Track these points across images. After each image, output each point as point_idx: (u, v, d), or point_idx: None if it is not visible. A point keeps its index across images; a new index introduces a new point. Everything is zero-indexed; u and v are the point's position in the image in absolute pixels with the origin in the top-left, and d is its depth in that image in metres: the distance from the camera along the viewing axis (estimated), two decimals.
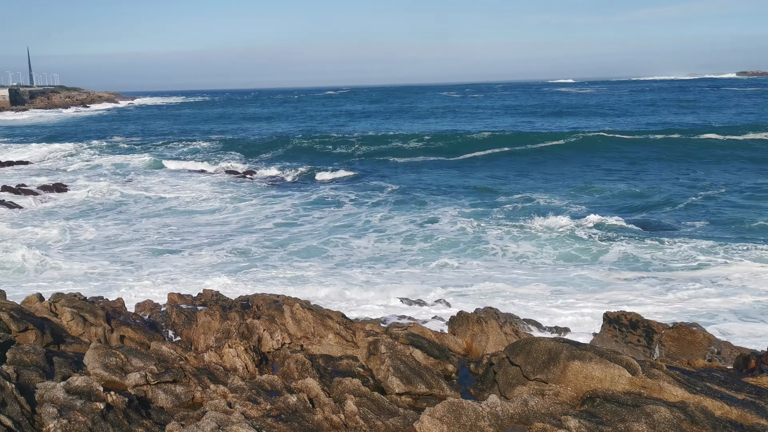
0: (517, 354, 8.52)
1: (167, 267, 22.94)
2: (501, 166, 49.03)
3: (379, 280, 20.92)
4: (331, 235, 27.59)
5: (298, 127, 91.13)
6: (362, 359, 9.97)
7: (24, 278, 21.62)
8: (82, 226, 30.07)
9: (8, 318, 10.07)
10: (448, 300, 18.34)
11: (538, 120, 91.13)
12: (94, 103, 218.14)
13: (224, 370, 8.96)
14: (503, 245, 25.47)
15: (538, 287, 20.07)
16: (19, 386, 6.83)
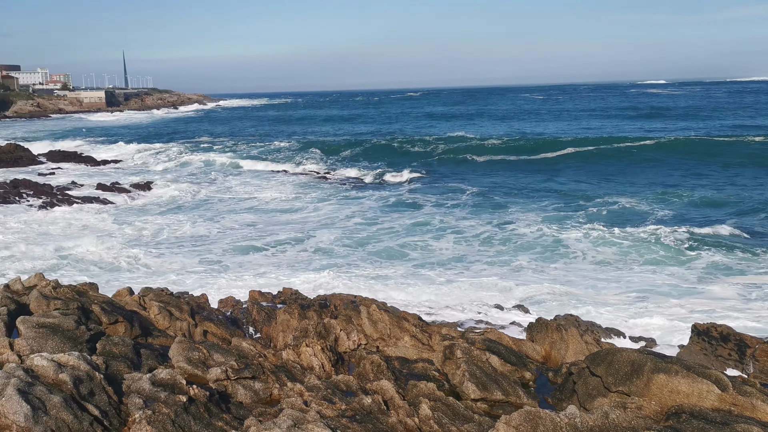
0: (598, 364, 8.28)
1: (250, 265, 23.52)
2: (584, 169, 47.83)
3: (456, 283, 20.76)
4: (409, 236, 27.61)
5: (378, 129, 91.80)
6: (438, 363, 9.92)
7: (115, 272, 22.64)
8: (170, 223, 31.22)
9: (99, 310, 10.55)
10: (526, 305, 18.01)
11: (625, 122, 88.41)
12: (183, 105, 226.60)
13: (301, 368, 9.10)
14: (584, 249, 24.80)
15: (621, 294, 19.43)
16: (107, 377, 7.14)
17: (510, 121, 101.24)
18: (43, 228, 30.01)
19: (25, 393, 6.15)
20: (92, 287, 12.85)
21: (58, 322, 8.88)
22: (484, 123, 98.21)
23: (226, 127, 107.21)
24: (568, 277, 21.47)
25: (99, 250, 25.14)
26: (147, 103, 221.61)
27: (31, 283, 12.24)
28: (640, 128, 77.43)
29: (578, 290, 19.86)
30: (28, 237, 27.72)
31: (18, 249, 24.87)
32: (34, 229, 29.64)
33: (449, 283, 20.83)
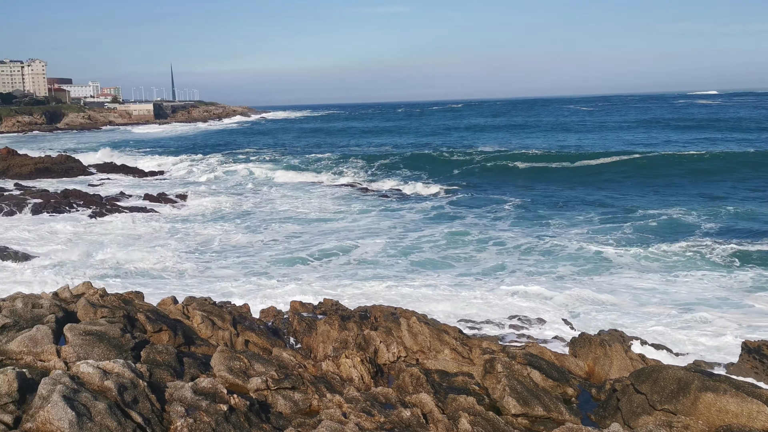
0: (643, 381, 8.09)
1: (292, 275, 23.69)
2: (629, 180, 47.04)
3: (498, 295, 20.58)
4: (450, 248, 27.50)
5: (419, 141, 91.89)
6: (478, 377, 9.82)
7: (161, 281, 23.06)
8: (214, 234, 31.69)
9: (144, 319, 10.75)
10: (569, 319, 17.73)
11: (673, 133, 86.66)
12: (228, 117, 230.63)
13: (341, 379, 9.11)
14: (629, 262, 24.33)
15: (667, 309, 18.97)
16: (150, 384, 7.25)
17: (554, 132, 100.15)
18: (93, 237, 30.77)
19: (71, 399, 6.29)
20: (138, 296, 13.11)
21: (105, 329, 9.07)
22: (527, 134, 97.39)
23: (270, 139, 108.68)
24: (612, 289, 21.07)
25: (146, 259, 25.65)
26: (193, 115, 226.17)
27: (79, 291, 12.54)
28: (688, 139, 75.92)
29: (623, 303, 19.48)
30: (78, 246, 28.44)
31: (68, 257, 25.53)
32: (84, 239, 30.41)
33: (491, 293, 20.64)
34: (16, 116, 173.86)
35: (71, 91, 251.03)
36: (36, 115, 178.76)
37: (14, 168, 57.34)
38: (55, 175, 56.83)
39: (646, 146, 68.23)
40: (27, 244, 28.46)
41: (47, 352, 8.29)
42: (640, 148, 65.11)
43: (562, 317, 17.85)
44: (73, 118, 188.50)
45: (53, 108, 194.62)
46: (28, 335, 8.47)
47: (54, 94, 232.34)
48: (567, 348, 12.65)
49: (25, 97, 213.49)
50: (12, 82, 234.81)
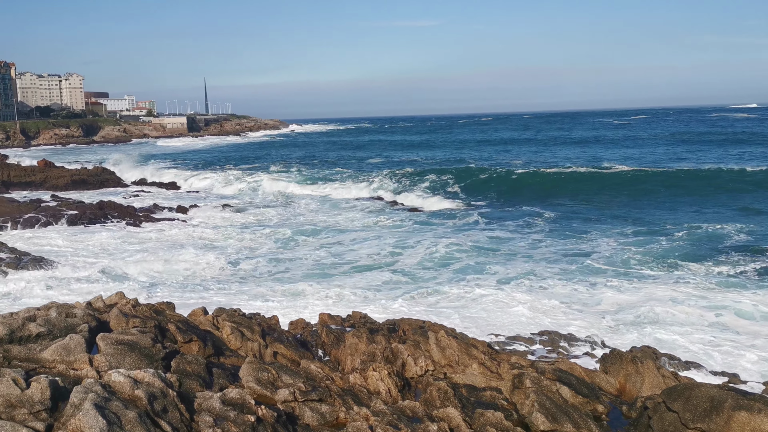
0: (675, 399, 7.95)
1: (324, 287, 23.79)
2: (664, 196, 46.32)
3: (529, 308, 20.42)
4: (480, 260, 27.43)
5: (450, 155, 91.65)
6: (506, 392, 9.74)
7: (192, 292, 23.32)
8: (246, 246, 32.00)
9: (175, 329, 10.87)
10: (599, 334, 17.49)
11: (710, 148, 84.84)
12: (260, 130, 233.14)
13: (368, 392, 9.10)
14: (664, 277, 23.98)
15: (703, 326, 18.64)
16: (180, 394, 7.33)
17: (586, 146, 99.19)
18: (127, 247, 31.27)
19: (102, 408, 6.39)
20: (169, 306, 13.27)
21: (136, 339, 9.20)
22: (559, 148, 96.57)
23: (300, 152, 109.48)
24: (647, 305, 20.75)
25: (179, 269, 25.99)
26: (225, 128, 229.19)
27: (111, 301, 12.74)
28: (726, 155, 74.49)
29: (658, 318, 19.19)
30: (113, 255, 28.93)
31: (102, 267, 25.96)
32: (118, 249, 30.93)
33: (522, 308, 20.49)
34: (54, 129, 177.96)
35: (107, 104, 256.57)
36: (73, 128, 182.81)
37: (51, 180, 58.64)
38: (91, 186, 58.01)
39: (682, 161, 67.15)
40: (72, 253, 29.06)
41: (80, 361, 8.43)
42: (676, 162, 64.19)
43: (593, 333, 17.63)
44: (108, 131, 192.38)
45: (90, 121, 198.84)
46: (61, 344, 8.63)
47: (90, 107, 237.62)
48: (597, 364, 12.48)
49: (63, 110, 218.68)
50: (50, 95, 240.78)
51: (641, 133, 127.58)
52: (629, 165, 62.51)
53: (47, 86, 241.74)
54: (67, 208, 42.01)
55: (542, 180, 55.43)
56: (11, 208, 42.89)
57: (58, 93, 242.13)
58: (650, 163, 63.72)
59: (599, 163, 65.57)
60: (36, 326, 9.12)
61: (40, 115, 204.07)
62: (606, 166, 61.41)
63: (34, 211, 40.96)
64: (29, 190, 55.63)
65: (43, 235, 34.47)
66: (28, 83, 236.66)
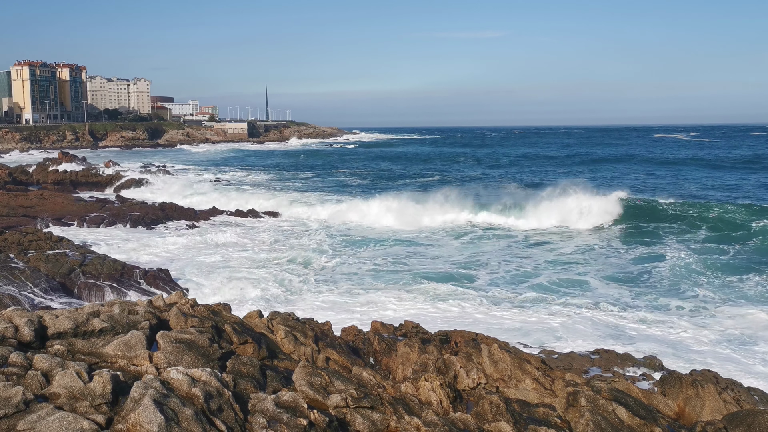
0: (737, 425, 7.67)
1: (377, 296, 23.87)
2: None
3: (589, 324, 20.05)
4: (544, 275, 27.14)
5: (516, 169, 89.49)
6: (560, 409, 9.56)
7: (251, 293, 23.74)
8: (300, 253, 32.36)
9: (231, 330, 11.07)
10: (658, 355, 16.99)
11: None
12: (318, 137, 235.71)
13: (419, 402, 9.07)
14: (732, 295, 23.19)
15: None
16: (235, 394, 7.45)
17: (645, 165, 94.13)
18: (181, 250, 32.03)
19: (161, 404, 6.54)
20: (225, 308, 13.51)
21: (194, 338, 9.40)
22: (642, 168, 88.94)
23: (354, 163, 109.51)
24: (711, 325, 20.09)
25: (240, 269, 26.45)
26: (285, 134, 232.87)
27: (171, 300, 13.06)
28: None
29: (719, 341, 18.56)
30: (175, 257, 29.67)
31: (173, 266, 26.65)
32: (178, 250, 31.70)
33: (583, 324, 20.13)
34: (121, 131, 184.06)
35: (172, 109, 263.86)
36: (139, 131, 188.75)
37: (115, 181, 60.58)
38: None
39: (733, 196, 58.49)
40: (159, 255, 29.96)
41: (140, 357, 8.66)
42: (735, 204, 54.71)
43: (652, 354, 17.14)
44: (172, 134, 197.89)
45: (155, 125, 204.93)
46: (123, 340, 8.89)
47: (156, 111, 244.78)
48: (656, 386, 12.13)
49: (130, 113, 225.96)
50: (118, 99, 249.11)
51: (729, 154, 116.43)
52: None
53: (116, 90, 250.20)
54: (129, 209, 43.32)
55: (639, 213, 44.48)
56: (78, 207, 44.49)
57: (126, 97, 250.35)
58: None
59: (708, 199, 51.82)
60: (100, 322, 9.42)
61: (108, 117, 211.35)
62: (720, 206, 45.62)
63: (99, 211, 42.39)
64: (96, 190, 57.60)
65: (107, 233, 35.64)
66: (98, 87, 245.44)
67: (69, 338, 9.07)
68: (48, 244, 26.24)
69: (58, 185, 58.03)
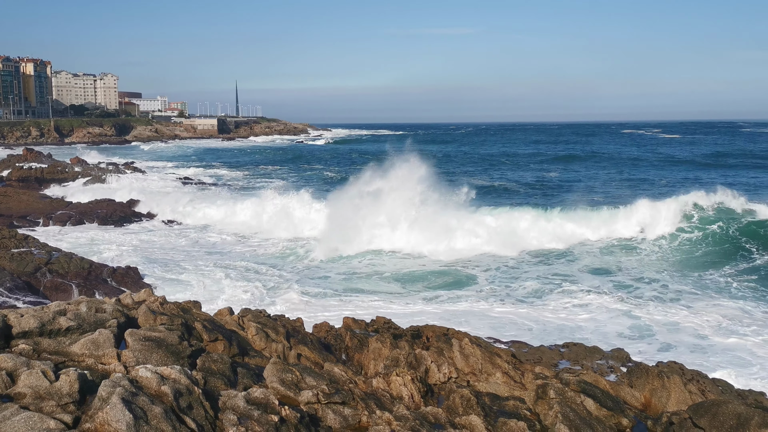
0: (701, 415, 7.84)
1: (346, 294, 23.87)
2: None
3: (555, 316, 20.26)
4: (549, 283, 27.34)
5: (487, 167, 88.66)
6: (529, 402, 9.67)
7: (215, 292, 23.54)
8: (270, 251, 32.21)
9: (201, 328, 10.99)
10: (626, 347, 17.27)
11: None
12: (289, 134, 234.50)
13: (390, 397, 9.11)
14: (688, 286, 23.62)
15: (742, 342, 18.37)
16: (205, 392, 7.41)
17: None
18: (151, 248, 31.67)
19: (129, 402, 6.48)
20: (196, 305, 13.40)
21: (163, 336, 9.32)
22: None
23: (331, 160, 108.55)
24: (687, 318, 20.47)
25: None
26: (255, 130, 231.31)
27: (140, 298, 12.91)
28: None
29: (686, 333, 18.92)
30: (144, 255, 29.33)
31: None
32: (148, 247, 31.34)
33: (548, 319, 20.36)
34: (87, 128, 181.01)
35: (140, 104, 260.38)
36: (106, 127, 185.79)
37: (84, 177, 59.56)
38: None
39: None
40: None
41: (108, 356, 8.56)
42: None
43: (617, 347, 17.40)
44: (141, 130, 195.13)
45: (123, 120, 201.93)
46: (90, 338, 8.77)
47: (124, 107, 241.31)
48: (623, 378, 12.33)
49: (97, 109, 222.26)
50: (85, 94, 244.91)
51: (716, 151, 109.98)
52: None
53: (82, 85, 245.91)
54: (97, 206, 42.68)
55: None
56: (44, 204, 43.73)
57: (92, 92, 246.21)
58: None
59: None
60: (66, 320, 9.28)
61: (75, 113, 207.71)
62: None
63: (66, 208, 41.70)
64: (62, 187, 56.58)
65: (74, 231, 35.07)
66: (64, 82, 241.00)
67: (34, 337, 8.93)
68: (12, 242, 25.75)
69: (22, 182, 56.92)
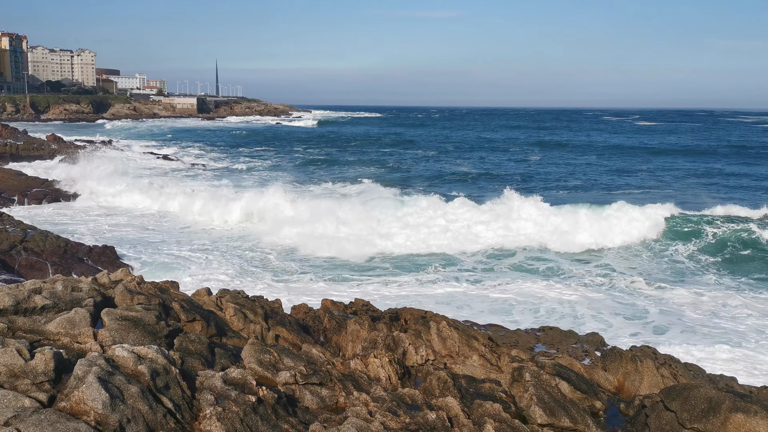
0: (673, 399, 7.98)
1: (310, 276, 23.87)
2: None
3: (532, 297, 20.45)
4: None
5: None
6: (505, 384, 9.79)
7: (191, 271, 23.42)
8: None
9: (179, 308, 10.95)
10: (599, 332, 17.51)
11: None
12: (270, 115, 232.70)
13: (368, 378, 9.16)
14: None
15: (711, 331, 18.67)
16: (182, 372, 7.39)
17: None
18: (129, 227, 31.38)
19: (105, 381, 6.45)
20: (173, 285, 13.34)
21: (140, 316, 9.27)
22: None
23: (311, 142, 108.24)
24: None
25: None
26: (235, 110, 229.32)
27: (117, 277, 12.82)
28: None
29: (667, 323, 19.19)
30: (122, 234, 29.04)
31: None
32: (125, 226, 31.03)
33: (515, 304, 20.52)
34: (64, 104, 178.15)
35: (118, 82, 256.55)
36: (83, 104, 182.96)
37: (61, 154, 58.73)
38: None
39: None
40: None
41: (84, 335, 8.50)
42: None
43: (593, 331, 17.64)
44: (119, 108, 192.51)
45: (100, 98, 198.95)
46: (66, 317, 8.70)
47: (102, 84, 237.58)
48: (597, 362, 12.51)
49: (74, 86, 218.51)
50: (61, 70, 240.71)
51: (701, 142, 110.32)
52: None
53: (59, 61, 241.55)
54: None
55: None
56: (19, 181, 43.10)
57: (69, 68, 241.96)
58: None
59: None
60: (41, 298, 9.19)
61: (51, 89, 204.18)
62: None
63: (41, 186, 41.14)
64: (38, 164, 55.74)
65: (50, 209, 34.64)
66: (40, 57, 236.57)
67: (9, 315, 8.83)
68: None
69: None
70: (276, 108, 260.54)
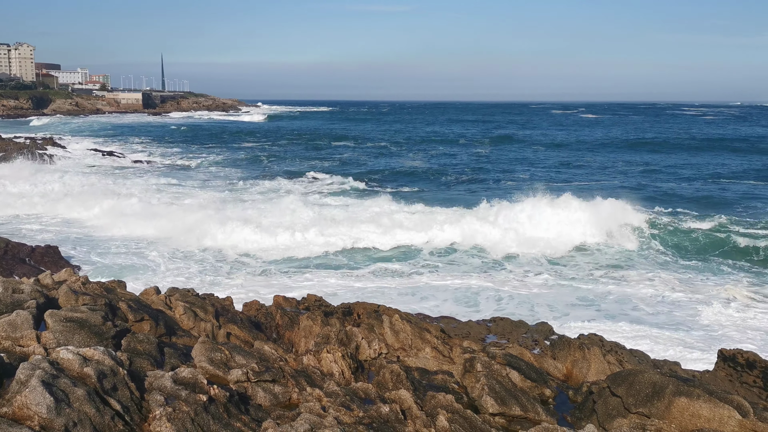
0: (619, 384, 8.20)
1: (273, 270, 23.70)
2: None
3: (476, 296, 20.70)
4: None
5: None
6: (458, 376, 9.90)
7: (142, 271, 22.96)
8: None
9: (126, 308, 10.72)
10: (550, 322, 17.85)
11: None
12: (218, 110, 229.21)
13: (321, 374, 9.14)
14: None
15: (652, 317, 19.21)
16: (130, 373, 7.25)
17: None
18: (74, 227, 30.55)
19: (49, 385, 6.27)
20: (120, 285, 13.07)
21: (86, 317, 9.04)
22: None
23: (262, 138, 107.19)
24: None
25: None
26: (182, 106, 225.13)
27: (61, 278, 12.49)
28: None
29: (608, 311, 19.66)
30: (67, 234, 28.23)
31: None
32: (71, 226, 30.19)
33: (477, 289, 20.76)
34: (2, 100, 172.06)
35: (59, 77, 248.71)
36: (22, 100, 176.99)
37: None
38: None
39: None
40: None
41: (27, 338, 8.25)
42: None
43: (542, 321, 17.97)
44: (60, 104, 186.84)
45: (40, 93, 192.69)
46: (7, 320, 8.43)
47: (42, 79, 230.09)
48: (547, 351, 12.75)
49: (11, 81, 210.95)
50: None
51: (654, 135, 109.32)
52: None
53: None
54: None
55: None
56: None
57: (6, 63, 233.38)
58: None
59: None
60: None
61: None
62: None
63: None
64: None
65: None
66: None
67: None
68: None
69: None
70: (224, 103, 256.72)
